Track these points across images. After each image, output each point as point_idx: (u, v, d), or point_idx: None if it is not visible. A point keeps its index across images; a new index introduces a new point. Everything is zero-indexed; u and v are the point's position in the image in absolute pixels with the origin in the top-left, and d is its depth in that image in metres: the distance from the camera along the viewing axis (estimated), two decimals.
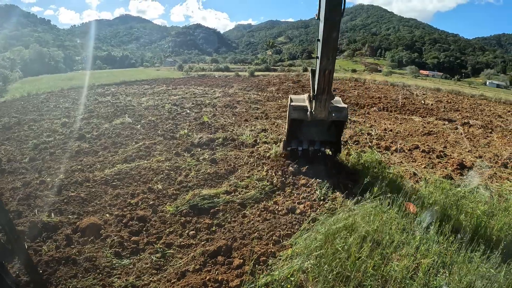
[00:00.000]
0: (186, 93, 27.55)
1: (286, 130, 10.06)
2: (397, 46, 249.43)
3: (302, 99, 9.60)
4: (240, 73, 54.99)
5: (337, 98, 9.77)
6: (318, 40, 8.04)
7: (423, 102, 27.42)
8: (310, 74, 9.21)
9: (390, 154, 11.82)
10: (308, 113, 8.95)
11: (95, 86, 33.90)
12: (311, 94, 8.88)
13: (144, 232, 6.36)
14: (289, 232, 6.29)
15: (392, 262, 5.02)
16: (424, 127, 17.09)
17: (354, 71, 76.46)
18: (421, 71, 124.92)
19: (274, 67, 76.13)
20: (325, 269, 4.68)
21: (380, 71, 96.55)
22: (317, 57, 8.30)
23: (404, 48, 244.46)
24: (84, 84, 36.16)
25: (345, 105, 9.44)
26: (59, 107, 21.17)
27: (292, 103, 9.26)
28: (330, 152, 10.41)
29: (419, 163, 11.04)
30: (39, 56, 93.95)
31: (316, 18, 8.17)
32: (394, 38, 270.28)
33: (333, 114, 9.03)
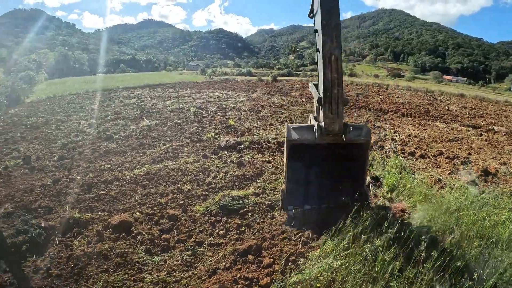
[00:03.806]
0: (210, 96, 27.93)
1: (285, 172, 7.21)
2: (420, 51, 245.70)
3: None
4: (262, 77, 55.08)
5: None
6: (316, 31, 6.93)
7: (447, 108, 27.06)
8: (311, 89, 7.69)
9: (414, 160, 11.77)
10: (316, 127, 6.51)
11: (119, 89, 34.67)
12: (316, 102, 6.72)
13: (175, 231, 6.57)
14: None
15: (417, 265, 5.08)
16: (448, 133, 16.87)
17: (376, 76, 75.90)
18: (445, 77, 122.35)
19: (297, 72, 76.24)
20: (353, 269, 4.75)
21: (403, 76, 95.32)
22: (317, 50, 6.90)
23: (427, 53, 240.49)
24: (109, 86, 36.96)
25: (364, 123, 7.27)
26: (85, 109, 21.79)
27: (290, 125, 6.81)
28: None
29: (444, 169, 10.96)
30: (64, 59, 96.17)
31: (309, 16, 7.45)
32: (417, 43, 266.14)
33: (351, 129, 6.48)
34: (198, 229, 6.65)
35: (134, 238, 6.27)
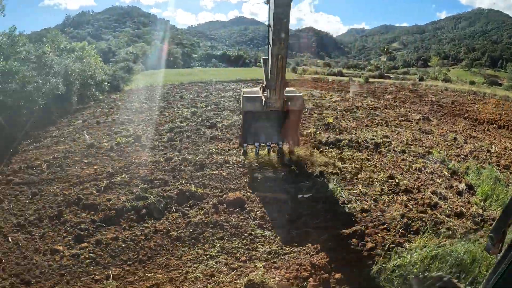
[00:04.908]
0: (304, 94, 28.19)
1: (241, 125, 10.26)
2: None
3: (255, 91, 9.74)
4: (353, 78, 54.26)
5: (292, 88, 10.00)
6: (269, 26, 8.31)
7: None
8: (262, 64, 9.44)
9: (509, 173, 11.40)
10: (263, 102, 9.02)
11: (213, 82, 36.28)
12: (264, 84, 9.01)
13: (284, 212, 7.28)
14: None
15: None
16: None
17: (472, 83, 70.47)
18: None
19: (388, 74, 73.02)
20: (448, 259, 5.15)
21: (500, 84, 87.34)
22: (268, 43, 8.61)
23: None
24: (203, 79, 38.93)
25: (301, 94, 9.58)
26: (184, 98, 23.50)
27: (245, 95, 9.34)
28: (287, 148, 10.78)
29: None
30: (159, 52, 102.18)
31: (265, 2, 8.39)
32: None
33: (289, 103, 9.04)
34: (305, 212, 7.28)
35: (247, 214, 7.09)
